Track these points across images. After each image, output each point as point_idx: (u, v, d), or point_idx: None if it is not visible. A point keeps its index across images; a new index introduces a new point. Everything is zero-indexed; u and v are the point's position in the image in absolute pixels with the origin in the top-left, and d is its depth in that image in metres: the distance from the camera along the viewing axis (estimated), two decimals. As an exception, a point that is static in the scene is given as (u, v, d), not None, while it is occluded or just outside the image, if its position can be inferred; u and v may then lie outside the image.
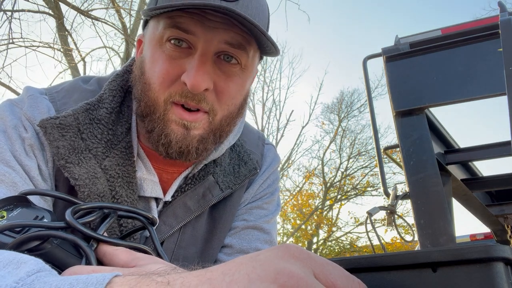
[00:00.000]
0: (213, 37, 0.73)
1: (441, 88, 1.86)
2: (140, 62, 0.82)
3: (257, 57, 0.84)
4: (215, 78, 0.76)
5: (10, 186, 0.68)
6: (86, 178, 0.74)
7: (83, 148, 0.77)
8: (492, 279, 0.35)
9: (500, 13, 1.79)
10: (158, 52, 0.76)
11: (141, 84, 0.80)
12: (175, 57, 0.75)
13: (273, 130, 17.38)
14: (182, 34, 0.74)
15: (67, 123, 0.76)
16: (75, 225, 0.52)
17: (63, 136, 0.75)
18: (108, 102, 0.82)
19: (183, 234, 0.87)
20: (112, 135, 0.81)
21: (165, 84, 0.75)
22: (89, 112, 0.80)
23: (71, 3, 7.40)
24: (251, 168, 0.95)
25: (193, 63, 0.73)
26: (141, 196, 0.83)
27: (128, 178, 0.80)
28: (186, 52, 0.75)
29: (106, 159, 0.78)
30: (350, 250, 16.85)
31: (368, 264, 0.41)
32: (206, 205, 0.88)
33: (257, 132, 1.06)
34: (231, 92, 0.78)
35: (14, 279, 0.38)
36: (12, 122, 0.76)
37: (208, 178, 0.89)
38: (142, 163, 0.84)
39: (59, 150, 0.74)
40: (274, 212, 1.01)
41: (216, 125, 0.79)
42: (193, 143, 0.77)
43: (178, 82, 0.75)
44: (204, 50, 0.74)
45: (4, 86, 7.16)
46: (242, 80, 0.80)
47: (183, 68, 0.74)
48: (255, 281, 0.33)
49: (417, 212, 1.76)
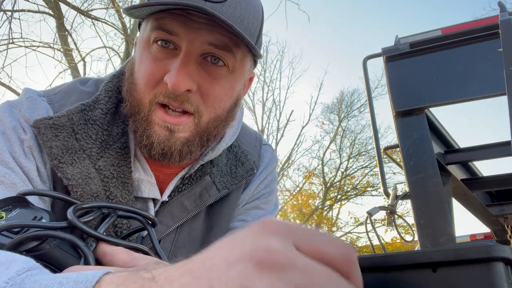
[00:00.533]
0: (196, 38, 0.73)
1: (441, 88, 1.85)
2: (131, 63, 0.83)
3: (249, 60, 0.82)
4: (200, 79, 0.75)
5: (9, 187, 0.69)
6: (79, 178, 0.74)
7: (77, 148, 0.77)
8: (492, 279, 0.35)
9: (500, 13, 1.79)
10: (146, 53, 0.77)
11: (128, 84, 0.80)
12: (161, 58, 0.75)
13: (273, 130, 17.41)
14: (166, 35, 0.74)
15: (60, 124, 0.76)
16: (77, 224, 0.51)
17: (57, 136, 0.75)
18: (104, 103, 0.82)
19: (179, 234, 0.87)
20: (107, 136, 0.81)
21: (149, 84, 0.75)
22: (84, 113, 0.80)
23: (71, 3, 7.41)
24: (248, 169, 0.95)
25: (175, 64, 0.73)
26: (138, 197, 0.83)
27: (123, 179, 0.80)
28: (171, 53, 0.75)
29: (101, 160, 0.78)
30: (350, 250, 16.82)
31: (368, 264, 0.41)
32: (203, 205, 0.88)
33: (254, 133, 1.06)
34: (216, 95, 0.77)
35: (4, 279, 0.38)
36: (11, 124, 0.76)
37: (205, 178, 0.89)
38: (140, 164, 0.84)
39: (52, 150, 0.74)
40: (272, 212, 1.01)
41: (203, 127, 0.78)
42: (176, 145, 0.76)
43: (162, 83, 0.75)
44: (187, 50, 0.73)
45: (4, 86, 7.17)
46: (229, 83, 0.78)
47: (167, 69, 0.74)
48: (233, 262, 0.32)
49: (417, 212, 1.76)
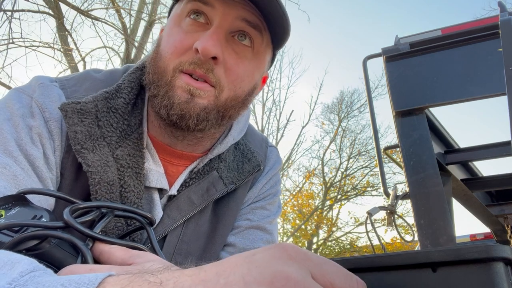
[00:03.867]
0: (230, 11, 0.75)
1: (441, 88, 1.85)
2: (157, 42, 0.84)
3: (269, 53, 0.85)
4: (226, 54, 0.77)
5: (10, 179, 0.68)
6: (98, 165, 0.75)
7: (99, 135, 0.77)
8: (492, 279, 0.35)
9: (500, 13, 1.79)
10: (176, 28, 0.79)
11: (153, 54, 0.81)
12: (191, 30, 0.77)
13: (273, 130, 17.40)
14: (201, 6, 0.76)
15: (87, 109, 0.77)
16: (73, 224, 0.51)
17: (82, 121, 0.76)
18: (126, 93, 0.83)
19: (186, 229, 0.87)
20: (127, 126, 0.82)
21: (176, 53, 0.77)
22: (107, 101, 0.80)
23: (71, 3, 7.39)
24: (255, 165, 0.96)
25: (207, 32, 0.75)
26: (146, 187, 0.84)
27: (137, 169, 0.81)
28: (202, 26, 0.77)
29: (119, 149, 0.79)
30: (350, 250, 16.85)
31: (368, 264, 0.41)
32: (209, 199, 0.89)
33: (260, 135, 1.08)
34: (239, 73, 0.79)
35: (7, 280, 0.38)
36: (20, 111, 0.76)
37: (212, 173, 0.90)
38: (150, 154, 0.85)
39: (76, 135, 0.74)
40: (276, 214, 1.02)
41: (222, 102, 0.79)
42: (195, 108, 0.76)
43: (190, 51, 0.76)
44: (220, 23, 0.76)
45: (4, 86, 7.16)
46: (252, 66, 0.81)
47: (196, 39, 0.76)
48: (251, 284, 0.32)
49: (417, 212, 1.76)
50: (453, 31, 1.96)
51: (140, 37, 8.51)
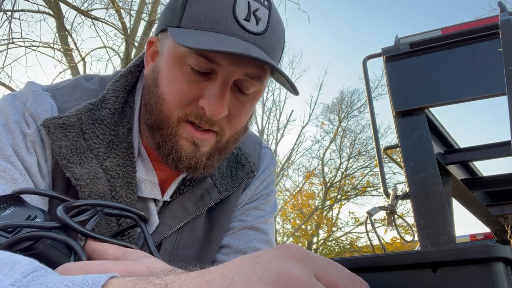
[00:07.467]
0: (236, 69, 0.73)
1: (441, 88, 1.85)
2: (154, 72, 0.80)
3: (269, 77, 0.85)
4: (229, 104, 0.77)
5: (10, 182, 0.68)
6: (87, 178, 0.75)
7: (85, 148, 0.77)
8: (492, 279, 0.35)
9: (500, 13, 1.79)
10: (178, 73, 0.75)
11: (154, 97, 0.78)
12: (195, 80, 0.74)
13: (273, 130, 17.42)
14: (206, 63, 0.73)
15: (70, 123, 0.76)
16: (67, 221, 0.51)
17: (66, 136, 0.75)
18: (111, 103, 0.82)
19: (181, 235, 0.87)
20: (114, 136, 0.81)
21: (181, 104, 0.75)
22: (92, 112, 0.79)
23: (71, 3, 7.40)
24: (249, 171, 0.96)
25: (214, 91, 0.73)
26: (139, 197, 0.83)
27: (128, 179, 0.80)
28: (206, 77, 0.74)
29: (107, 160, 0.79)
30: (350, 250, 16.87)
31: (368, 264, 0.41)
32: (204, 207, 0.89)
33: (254, 136, 1.07)
34: (241, 118, 0.80)
35: (9, 281, 0.38)
36: (15, 117, 0.76)
37: (206, 181, 0.90)
38: (143, 163, 0.84)
39: (61, 150, 0.74)
40: (271, 213, 1.02)
41: (223, 144, 0.81)
42: (202, 159, 0.78)
43: (195, 105, 0.75)
44: (225, 79, 0.74)
45: (4, 86, 7.16)
46: (252, 105, 0.82)
47: (201, 92, 0.74)
48: (256, 284, 0.32)
49: (417, 212, 1.76)
50: (453, 31, 1.96)
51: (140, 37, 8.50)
